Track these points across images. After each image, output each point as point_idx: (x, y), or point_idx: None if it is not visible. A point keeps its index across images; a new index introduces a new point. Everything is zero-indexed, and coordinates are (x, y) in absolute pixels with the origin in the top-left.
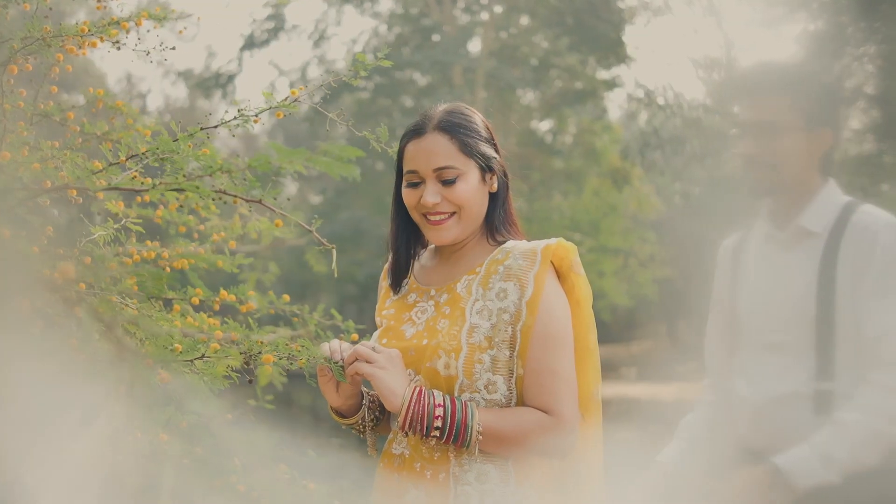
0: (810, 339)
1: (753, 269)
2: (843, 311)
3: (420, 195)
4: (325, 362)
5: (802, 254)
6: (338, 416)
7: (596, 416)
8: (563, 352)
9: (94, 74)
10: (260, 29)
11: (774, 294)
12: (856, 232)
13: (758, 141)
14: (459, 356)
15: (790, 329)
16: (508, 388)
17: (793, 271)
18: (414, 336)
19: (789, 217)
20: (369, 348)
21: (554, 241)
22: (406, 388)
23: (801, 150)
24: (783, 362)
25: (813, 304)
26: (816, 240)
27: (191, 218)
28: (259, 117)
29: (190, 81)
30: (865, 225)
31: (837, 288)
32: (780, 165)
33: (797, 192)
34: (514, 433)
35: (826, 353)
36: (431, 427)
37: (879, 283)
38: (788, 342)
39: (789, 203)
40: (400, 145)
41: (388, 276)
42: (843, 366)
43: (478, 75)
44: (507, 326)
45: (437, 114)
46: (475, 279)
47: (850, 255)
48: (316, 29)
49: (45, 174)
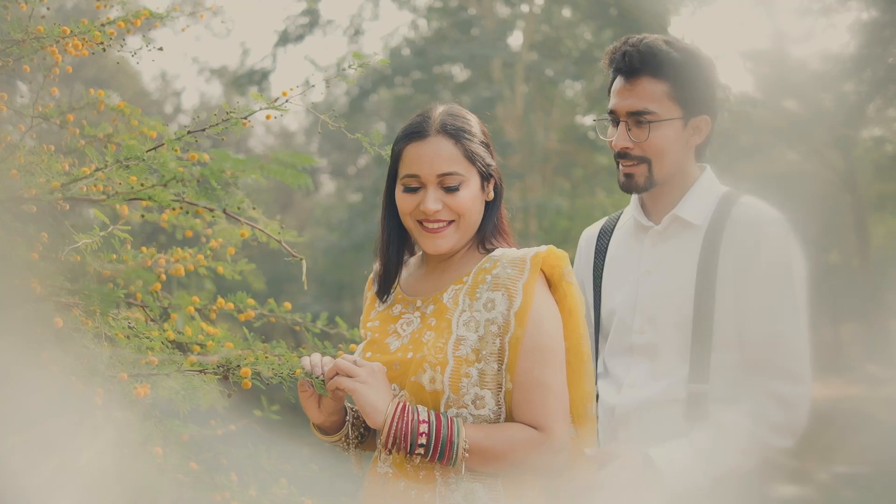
0: (683, 340)
1: (618, 263)
2: (722, 311)
3: (418, 201)
4: (304, 377)
5: (678, 247)
6: (320, 434)
7: (591, 429)
8: (553, 365)
9: (128, 73)
10: (294, 24)
11: (642, 291)
12: (739, 226)
13: (632, 133)
14: (445, 370)
15: (660, 329)
16: (497, 403)
17: (665, 266)
18: (399, 349)
19: (663, 207)
20: (351, 362)
21: (544, 248)
22: (389, 403)
23: (679, 141)
24: (652, 366)
25: (690, 303)
26: (694, 233)
27: (197, 222)
28: (248, 120)
29: (225, 78)
30: (750, 219)
31: (718, 285)
32: (657, 159)
33: (673, 182)
34: (502, 450)
35: (702, 354)
36: (415, 444)
37: (765, 284)
38: (657, 343)
39: (663, 192)
40: (396, 147)
41: (375, 285)
42: (718, 368)
43: (518, 69)
44: (495, 338)
45: (437, 116)
46: (462, 289)
47: (733, 250)
48: (351, 24)
49: (25, 181)
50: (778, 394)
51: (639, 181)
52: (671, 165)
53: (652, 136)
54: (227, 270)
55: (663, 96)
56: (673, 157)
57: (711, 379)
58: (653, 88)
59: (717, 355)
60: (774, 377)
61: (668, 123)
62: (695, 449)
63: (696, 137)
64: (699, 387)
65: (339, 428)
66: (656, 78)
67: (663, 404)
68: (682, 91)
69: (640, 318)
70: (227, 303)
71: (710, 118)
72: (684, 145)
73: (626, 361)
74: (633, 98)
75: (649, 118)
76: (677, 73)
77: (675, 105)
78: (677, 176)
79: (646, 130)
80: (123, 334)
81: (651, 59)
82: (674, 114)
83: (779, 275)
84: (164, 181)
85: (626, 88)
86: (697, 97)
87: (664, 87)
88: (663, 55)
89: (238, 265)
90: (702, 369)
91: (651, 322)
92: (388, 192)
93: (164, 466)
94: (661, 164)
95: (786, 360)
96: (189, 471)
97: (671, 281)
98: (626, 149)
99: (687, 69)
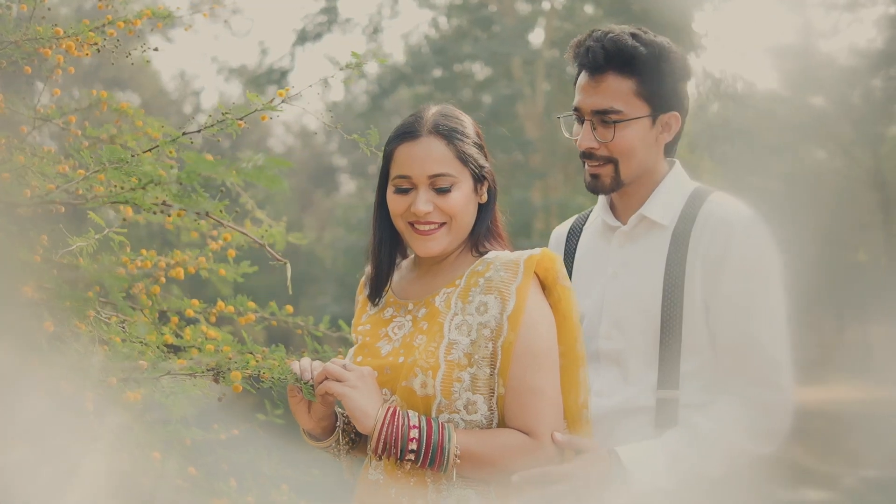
0: (651, 345)
1: (586, 265)
2: (691, 314)
3: (410, 202)
4: (294, 382)
5: (645, 248)
6: (311, 440)
7: (585, 432)
8: (546, 369)
9: (147, 73)
10: (313, 23)
11: (608, 295)
12: (707, 225)
13: (597, 132)
14: (437, 374)
15: (627, 334)
16: (489, 409)
17: (632, 268)
18: (390, 353)
19: (631, 206)
20: (340, 366)
21: (538, 251)
22: (379, 408)
23: (647, 140)
24: (620, 372)
25: (657, 306)
26: (662, 233)
27: (203, 223)
28: (243, 121)
29: (243, 78)
30: (718, 217)
31: (686, 288)
32: (624, 159)
33: (640, 180)
34: (494, 456)
35: (670, 360)
36: (406, 450)
37: (736, 286)
38: (624, 349)
39: (631, 191)
40: (388, 147)
41: (367, 288)
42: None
43: (539, 67)
44: (488, 342)
45: (430, 116)
46: (454, 292)
47: (701, 251)
48: (370, 22)
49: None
50: (754, 400)
51: (605, 182)
52: (639, 165)
53: (618, 136)
54: (230, 273)
55: (630, 94)
56: (641, 157)
57: (682, 385)
58: (618, 86)
59: (688, 361)
60: (750, 384)
61: (635, 122)
62: (665, 450)
63: (666, 135)
64: (668, 393)
65: (330, 434)
66: (622, 75)
67: (632, 412)
68: (649, 88)
69: (606, 323)
70: (227, 306)
71: (679, 114)
72: (653, 143)
73: (594, 368)
74: (598, 96)
75: (615, 117)
76: (644, 70)
77: (643, 102)
78: (645, 174)
79: (612, 130)
80: (119, 338)
81: (616, 55)
82: (641, 112)
83: (750, 276)
84: (142, 184)
85: (590, 85)
86: (666, 94)
87: (630, 85)
88: (629, 51)
89: (241, 267)
90: (671, 375)
91: (618, 327)
92: (380, 194)
93: (162, 471)
94: (629, 164)
95: (761, 366)
96: (188, 476)
97: (638, 284)
98: (591, 149)
99: (655, 65)
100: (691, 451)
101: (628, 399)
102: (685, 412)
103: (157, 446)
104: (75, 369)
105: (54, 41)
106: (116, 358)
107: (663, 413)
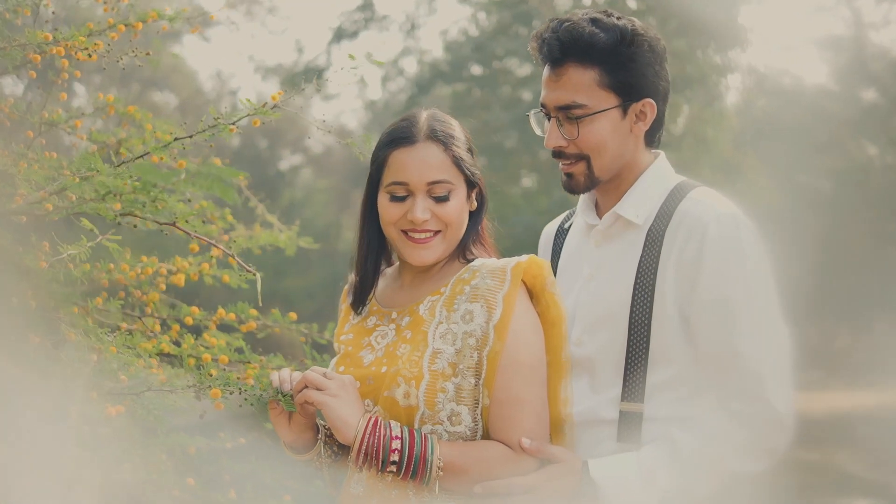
0: (619, 354)
1: (568, 265)
2: (662, 322)
3: (405, 210)
4: (273, 394)
5: (620, 249)
6: (292, 452)
7: (569, 441)
8: (532, 380)
9: (183, 72)
10: (350, 20)
11: (582, 298)
12: (683, 224)
13: (564, 129)
14: (420, 384)
15: (598, 341)
16: (473, 420)
17: (606, 271)
18: (373, 363)
19: (610, 203)
20: (321, 374)
21: (525, 258)
22: (360, 417)
23: (619, 132)
24: (590, 381)
25: (626, 311)
26: (636, 232)
27: (213, 228)
28: (235, 126)
29: (280, 76)
30: (694, 216)
31: (657, 293)
32: (596, 155)
33: (620, 175)
34: (477, 469)
35: (636, 370)
36: (388, 461)
37: (712, 293)
38: (594, 356)
39: (610, 186)
40: (380, 153)
41: (351, 296)
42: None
43: None
44: (473, 352)
45: (424, 121)
46: (439, 300)
47: (674, 254)
48: (407, 19)
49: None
50: (737, 414)
51: (580, 180)
52: (614, 159)
53: (584, 132)
54: (234, 279)
55: (592, 85)
56: (614, 151)
57: (650, 398)
58: (580, 78)
59: (657, 371)
60: (732, 397)
61: (602, 115)
62: (641, 467)
63: (641, 124)
64: (632, 406)
65: (312, 446)
66: (582, 66)
67: (594, 424)
68: (614, 76)
69: (578, 328)
70: (228, 313)
71: (654, 101)
72: (627, 135)
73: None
74: (560, 90)
75: (579, 112)
76: (606, 57)
77: (609, 93)
78: (625, 169)
79: (577, 126)
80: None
81: (572, 45)
82: (608, 103)
83: (728, 281)
84: (100, 195)
85: (551, 80)
86: (634, 80)
87: (592, 75)
88: (586, 39)
89: (246, 273)
90: (636, 387)
91: (589, 333)
92: (369, 201)
93: (160, 482)
94: (601, 160)
95: (743, 379)
96: (186, 487)
97: (609, 287)
98: (559, 147)
99: (617, 51)
100: (670, 468)
101: (591, 409)
102: (657, 426)
103: (159, 456)
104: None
105: (45, 46)
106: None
107: (625, 427)
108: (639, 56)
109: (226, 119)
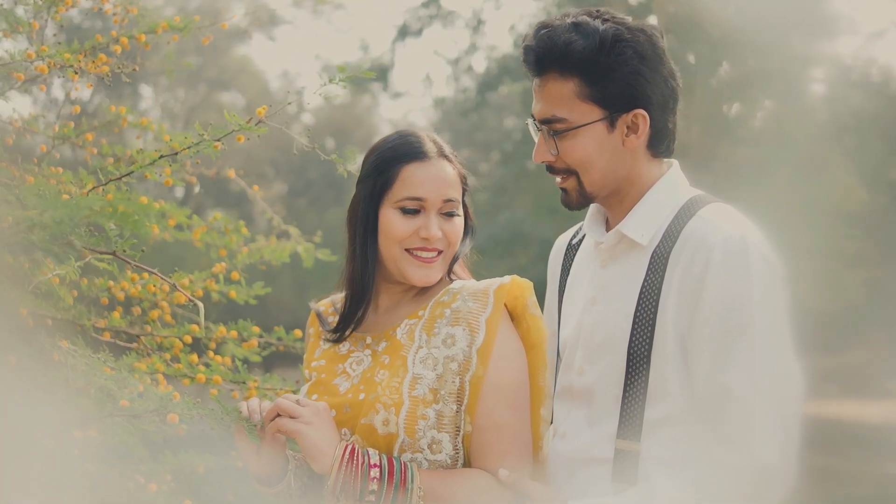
0: (617, 385)
1: (575, 284)
2: (663, 353)
3: (417, 226)
4: (241, 423)
5: (624, 271)
6: (261, 484)
7: (540, 474)
8: (516, 406)
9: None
10: (415, 17)
11: (585, 322)
12: (687, 247)
13: (549, 144)
14: (401, 411)
15: (598, 371)
16: (454, 448)
17: (610, 294)
18: (349, 390)
19: (618, 219)
20: (293, 401)
21: (507, 279)
22: (336, 445)
23: (607, 147)
24: (589, 414)
25: (626, 339)
26: (641, 253)
27: (232, 239)
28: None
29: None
30: (700, 237)
31: (658, 321)
32: (584, 170)
33: (622, 190)
34: (459, 498)
35: (634, 406)
36: (366, 490)
37: (712, 325)
38: (594, 388)
39: (615, 202)
40: (390, 167)
41: (324, 322)
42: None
43: None
44: (455, 377)
45: (428, 138)
46: (418, 324)
47: (676, 279)
48: (473, 14)
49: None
50: (719, 462)
51: (573, 196)
52: (606, 175)
53: (565, 147)
54: (240, 295)
55: (572, 97)
56: (604, 167)
57: (646, 436)
58: (559, 89)
59: (655, 406)
60: (718, 442)
61: (584, 130)
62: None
63: (634, 137)
64: (628, 444)
65: (282, 477)
66: (562, 76)
67: (589, 462)
68: (595, 87)
69: (580, 356)
70: (229, 331)
71: (646, 111)
72: (618, 149)
73: (567, 405)
74: (541, 102)
75: (559, 126)
76: (585, 67)
77: (591, 105)
78: (625, 183)
79: (558, 141)
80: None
81: (549, 53)
82: (590, 116)
83: (728, 312)
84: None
85: (536, 90)
86: (619, 90)
87: (572, 87)
88: (562, 46)
89: (254, 289)
90: (632, 424)
91: (590, 361)
92: (368, 216)
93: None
94: (590, 176)
95: (731, 422)
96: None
97: (611, 312)
98: (546, 161)
99: (596, 59)
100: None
101: (587, 446)
102: (652, 466)
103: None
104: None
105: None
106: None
107: (620, 466)
108: (621, 64)
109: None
